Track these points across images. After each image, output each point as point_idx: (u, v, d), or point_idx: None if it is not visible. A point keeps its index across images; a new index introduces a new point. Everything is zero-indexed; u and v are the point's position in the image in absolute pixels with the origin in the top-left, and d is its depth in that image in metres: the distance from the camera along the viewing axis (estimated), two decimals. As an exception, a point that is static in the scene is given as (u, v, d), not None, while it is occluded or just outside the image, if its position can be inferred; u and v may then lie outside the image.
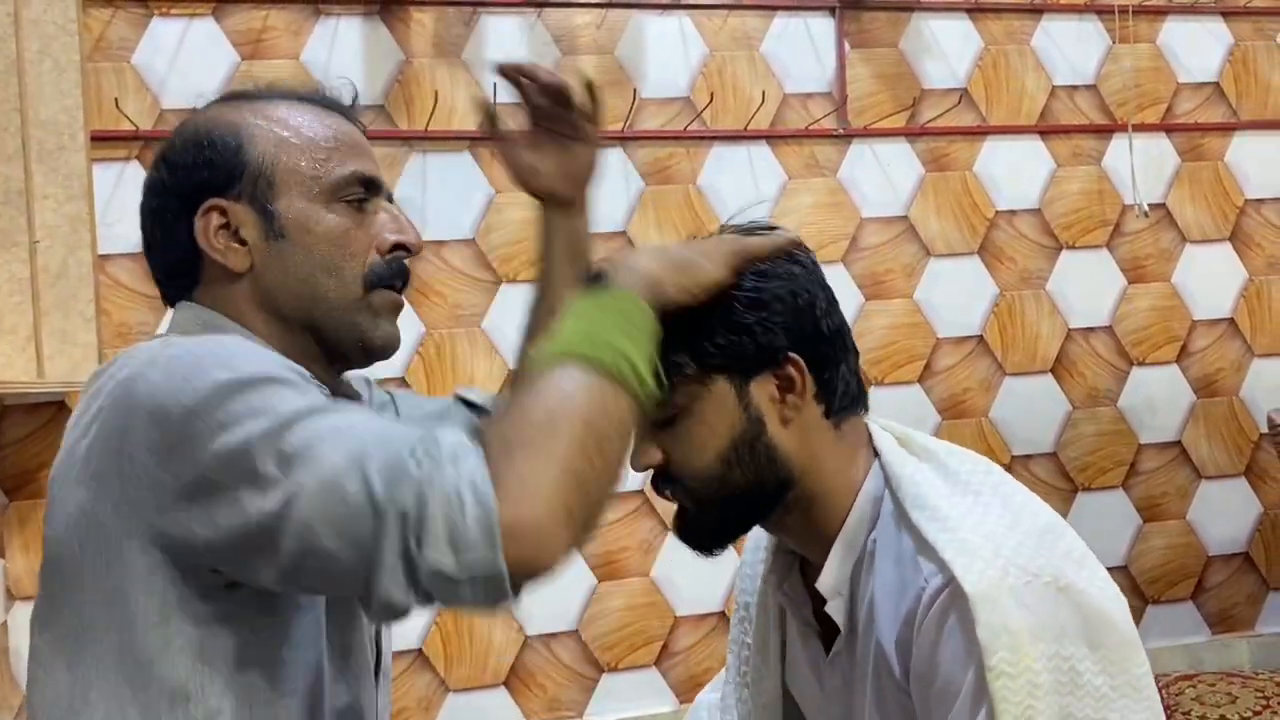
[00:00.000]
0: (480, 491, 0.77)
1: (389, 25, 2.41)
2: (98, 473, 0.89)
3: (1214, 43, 2.82)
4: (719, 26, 2.56)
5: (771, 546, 1.17)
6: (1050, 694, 0.89)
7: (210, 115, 1.05)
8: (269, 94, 1.08)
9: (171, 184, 1.03)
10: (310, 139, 1.03)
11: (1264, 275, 2.83)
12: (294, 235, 1.01)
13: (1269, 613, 2.83)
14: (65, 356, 2.03)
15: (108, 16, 2.27)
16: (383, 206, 1.06)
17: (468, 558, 0.77)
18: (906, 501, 1.00)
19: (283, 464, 0.82)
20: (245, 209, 1.01)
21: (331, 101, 1.09)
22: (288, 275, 1.01)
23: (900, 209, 2.64)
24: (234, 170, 1.01)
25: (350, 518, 0.79)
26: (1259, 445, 2.81)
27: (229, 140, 1.02)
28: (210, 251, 1.01)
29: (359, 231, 1.03)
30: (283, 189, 1.01)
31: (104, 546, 0.88)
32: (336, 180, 1.02)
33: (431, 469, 0.78)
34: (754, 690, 1.20)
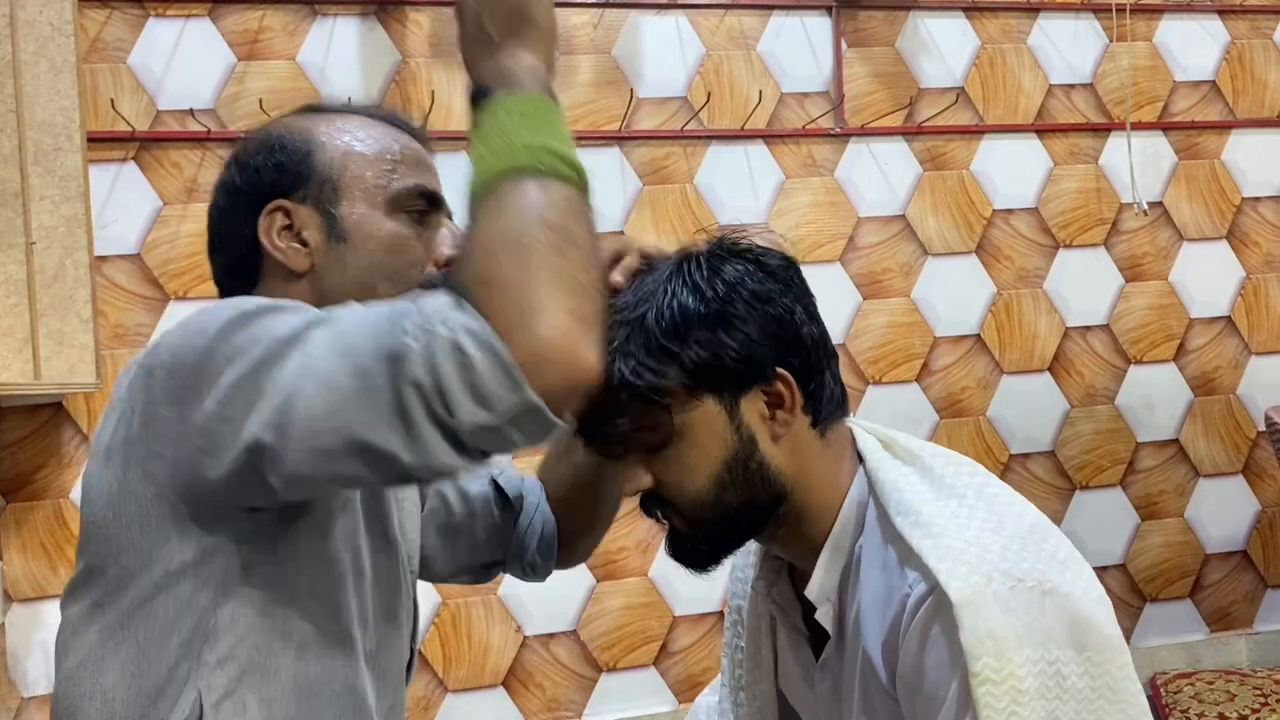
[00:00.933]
0: (480, 337, 0.76)
1: (385, 25, 2.41)
2: (126, 438, 0.90)
3: (1210, 41, 2.82)
4: (716, 26, 2.56)
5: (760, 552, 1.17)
6: (1036, 699, 0.89)
7: (285, 122, 1.07)
8: (344, 109, 1.09)
9: (241, 183, 1.05)
10: (378, 150, 1.05)
11: (1261, 273, 2.84)
12: (355, 239, 1.02)
13: (1267, 610, 2.83)
14: (62, 358, 2.02)
15: (103, 17, 2.27)
16: (444, 223, 1.07)
17: (498, 405, 0.76)
18: (890, 507, 1.00)
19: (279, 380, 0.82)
20: (309, 211, 1.03)
21: (402, 120, 1.10)
22: (346, 278, 1.02)
23: (898, 208, 2.64)
24: (302, 173, 1.03)
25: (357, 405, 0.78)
26: (1256, 443, 2.82)
27: (299, 145, 1.04)
28: (272, 250, 1.03)
29: (418, 242, 1.04)
30: (347, 194, 1.03)
31: (137, 513, 0.90)
32: (399, 191, 1.04)
33: (426, 337, 0.77)
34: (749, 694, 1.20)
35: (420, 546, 1.21)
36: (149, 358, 0.90)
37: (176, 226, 2.28)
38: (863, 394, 2.60)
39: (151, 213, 2.27)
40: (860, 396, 2.59)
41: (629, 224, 2.50)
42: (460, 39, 0.98)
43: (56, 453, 2.22)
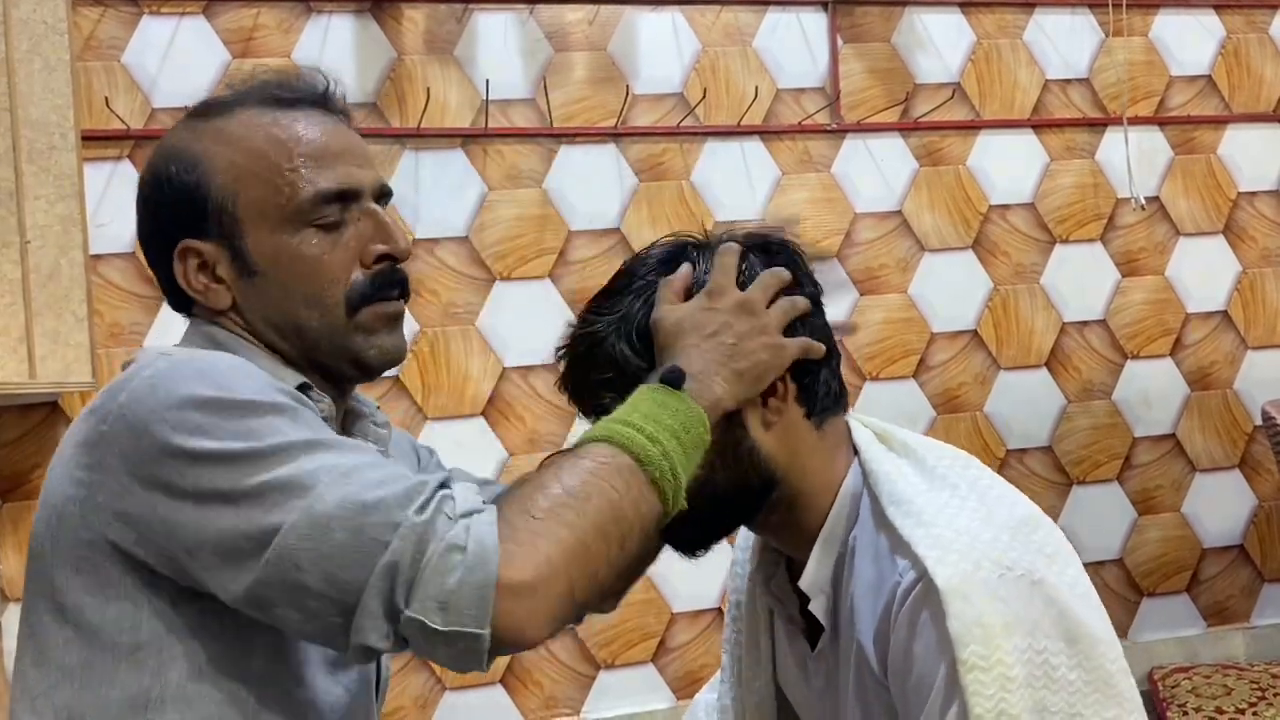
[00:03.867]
0: (486, 553, 0.76)
1: (380, 22, 2.40)
2: (75, 478, 0.89)
3: (1206, 35, 2.82)
4: (711, 22, 2.56)
5: (758, 545, 1.17)
6: (1023, 687, 0.89)
7: (171, 145, 1.01)
8: (232, 101, 1.01)
9: (148, 224, 1.02)
10: (271, 163, 0.97)
11: (1257, 267, 2.84)
12: (267, 271, 0.97)
13: (1264, 605, 2.83)
14: (57, 357, 2.02)
15: (97, 15, 2.26)
16: (365, 212, 1.00)
17: (454, 618, 0.75)
18: (884, 498, 1.00)
19: (273, 490, 0.81)
20: (216, 248, 0.98)
21: (302, 95, 1.02)
22: (269, 310, 0.98)
23: (894, 204, 2.64)
24: (198, 209, 0.97)
25: (341, 562, 0.78)
26: (1253, 438, 2.82)
27: (187, 178, 0.98)
28: (191, 293, 0.99)
29: (335, 254, 0.98)
30: (248, 224, 0.97)
31: (72, 550, 0.89)
32: (300, 205, 0.97)
33: (439, 521, 0.77)
34: (747, 688, 1.20)
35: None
36: (110, 404, 0.88)
37: (172, 225, 2.27)
38: (860, 390, 2.60)
39: (146, 211, 2.27)
40: (857, 393, 2.59)
41: (625, 221, 2.49)
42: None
43: (52, 452, 2.20)
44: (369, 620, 0.77)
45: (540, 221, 2.46)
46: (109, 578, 0.88)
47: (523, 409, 2.44)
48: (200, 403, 0.84)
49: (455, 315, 2.43)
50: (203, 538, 0.83)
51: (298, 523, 0.79)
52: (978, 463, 1.06)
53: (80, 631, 0.88)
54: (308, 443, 0.83)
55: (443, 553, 0.76)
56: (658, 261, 1.05)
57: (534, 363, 2.44)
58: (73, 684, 0.88)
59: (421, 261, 2.40)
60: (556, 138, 2.46)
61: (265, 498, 0.81)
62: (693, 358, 0.94)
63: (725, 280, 1.00)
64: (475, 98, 2.42)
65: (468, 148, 2.43)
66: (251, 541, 0.81)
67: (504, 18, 2.46)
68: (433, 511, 0.78)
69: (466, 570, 0.75)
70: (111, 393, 0.90)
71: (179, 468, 0.83)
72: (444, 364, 2.42)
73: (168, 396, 0.85)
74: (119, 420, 0.87)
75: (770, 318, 0.99)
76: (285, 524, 0.79)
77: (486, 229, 2.44)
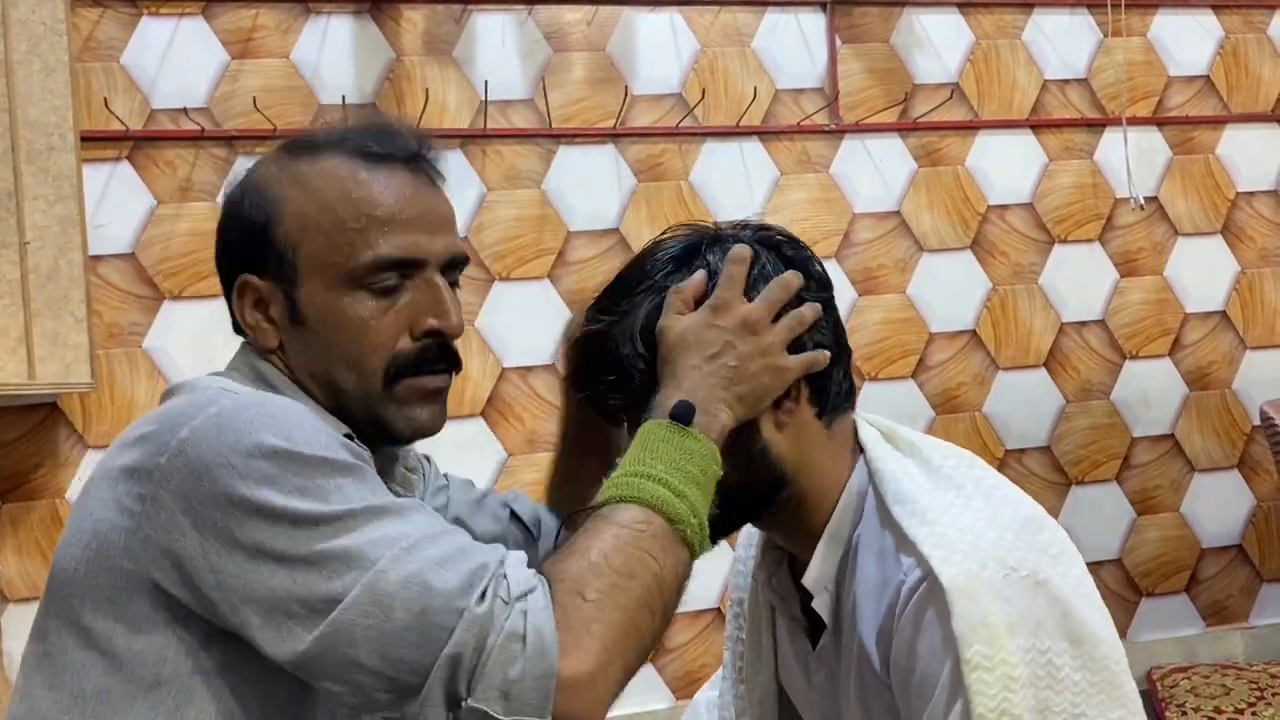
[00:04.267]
0: (545, 644, 0.77)
1: (379, 23, 2.40)
2: (122, 505, 0.87)
3: (1205, 36, 2.82)
4: (710, 22, 2.56)
5: (761, 542, 1.17)
6: (1027, 687, 0.89)
7: (255, 178, 1.01)
8: (322, 144, 1.00)
9: (219, 245, 1.04)
10: (337, 219, 0.96)
11: (1256, 268, 2.84)
12: (313, 324, 0.97)
13: (1262, 604, 2.83)
14: (56, 358, 2.02)
15: (96, 16, 2.26)
16: (426, 282, 0.99)
17: (516, 707, 0.77)
18: (889, 497, 1.00)
19: (333, 559, 0.80)
20: (273, 289, 0.99)
21: (392, 152, 1.00)
22: (311, 361, 0.98)
23: (893, 204, 2.64)
24: (263, 249, 0.98)
25: (401, 642, 0.78)
26: (1252, 438, 2.82)
27: (257, 217, 0.98)
28: (244, 325, 1.01)
29: (383, 320, 0.97)
30: (305, 274, 0.97)
31: (109, 578, 0.87)
32: (356, 268, 0.96)
33: (496, 608, 0.78)
34: (749, 685, 1.20)
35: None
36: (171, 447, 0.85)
37: (171, 225, 2.27)
38: (858, 390, 2.59)
39: (145, 212, 2.27)
40: (856, 393, 2.59)
41: (624, 221, 2.50)
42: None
43: (52, 453, 2.21)
44: (431, 708, 0.78)
45: (539, 222, 2.46)
46: (142, 611, 0.87)
47: (522, 409, 2.44)
48: (269, 452, 0.83)
49: (454, 316, 2.42)
50: (253, 593, 0.82)
51: (359, 598, 0.79)
52: (982, 463, 1.07)
53: (103, 658, 0.88)
54: (371, 509, 0.83)
55: (503, 643, 0.77)
56: (670, 259, 1.04)
57: (533, 363, 2.44)
58: (84, 711, 0.87)
59: (420, 262, 2.40)
60: (555, 138, 2.46)
61: (325, 566, 0.80)
62: (695, 383, 0.94)
63: (730, 294, 0.99)
64: (474, 98, 2.42)
65: (466, 148, 2.43)
66: (305, 607, 0.80)
67: (502, 18, 2.46)
68: (491, 598, 0.79)
69: (528, 661, 0.77)
70: (170, 423, 0.88)
71: (240, 518, 0.82)
72: (443, 364, 2.42)
73: (236, 441, 0.84)
74: (178, 456, 0.85)
75: (774, 336, 0.99)
76: (346, 598, 0.79)
77: (485, 229, 2.44)
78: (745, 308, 0.99)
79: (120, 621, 0.87)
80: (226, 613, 0.84)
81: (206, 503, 0.83)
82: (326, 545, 0.81)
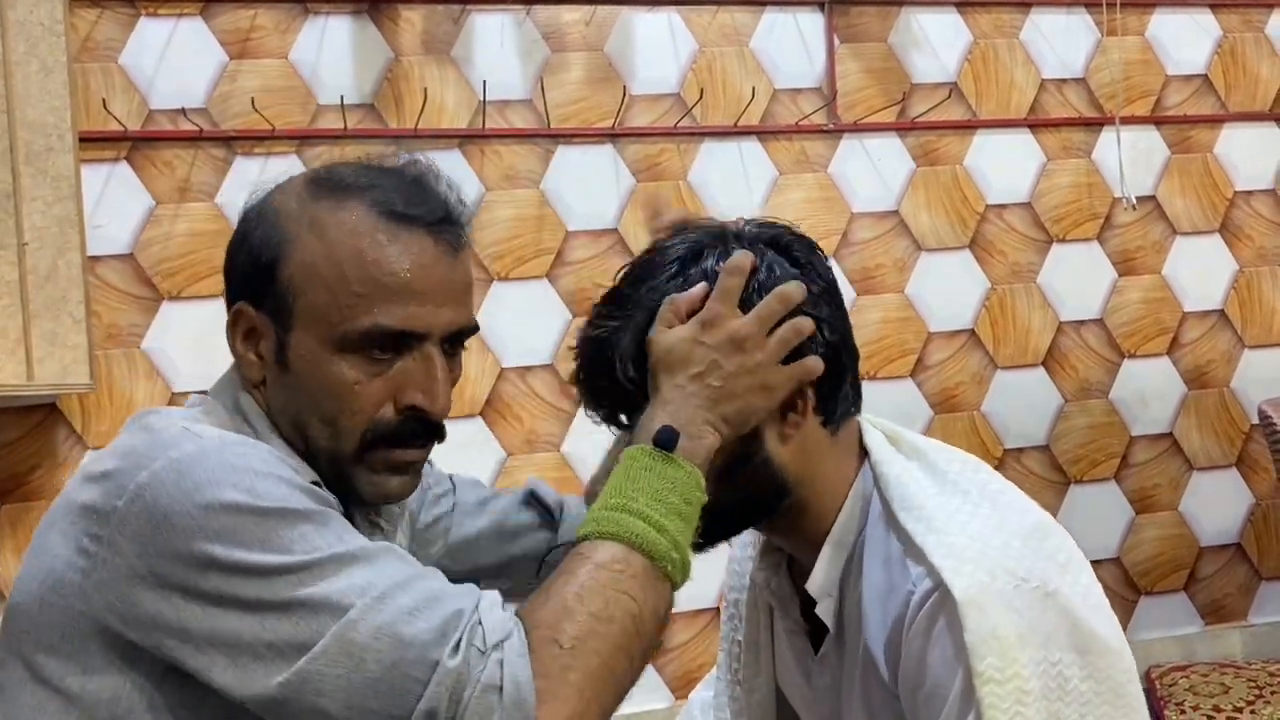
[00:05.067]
0: (522, 695, 0.76)
1: (378, 23, 2.40)
2: (80, 545, 0.86)
3: (1202, 35, 2.83)
4: (708, 22, 2.56)
5: (759, 544, 1.16)
6: (1039, 700, 0.89)
7: (273, 209, 0.96)
8: (350, 188, 0.95)
9: (228, 265, 0.99)
10: (343, 277, 0.92)
11: (1254, 266, 2.84)
12: (297, 372, 0.94)
13: (1261, 603, 2.84)
14: (55, 359, 2.02)
15: (94, 16, 2.26)
16: (423, 355, 0.95)
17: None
18: (894, 502, 0.99)
19: (301, 606, 0.79)
20: (266, 324, 0.95)
21: (419, 215, 0.95)
22: (288, 406, 0.96)
23: (891, 204, 2.64)
24: (265, 284, 0.94)
25: (371, 694, 0.77)
26: (1250, 436, 2.82)
27: (265, 252, 0.94)
28: (234, 352, 0.98)
29: (369, 387, 0.93)
30: (300, 321, 0.93)
31: (61, 616, 0.86)
32: (349, 332, 0.92)
33: (472, 658, 0.77)
34: (746, 688, 1.19)
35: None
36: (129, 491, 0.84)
37: (169, 226, 2.27)
38: (857, 390, 2.60)
39: (144, 212, 2.27)
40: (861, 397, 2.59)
41: (622, 222, 2.50)
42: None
43: (51, 454, 2.21)
44: None
45: (538, 222, 2.46)
46: (95, 651, 0.85)
47: (521, 409, 2.44)
48: (230, 507, 0.82)
49: (453, 316, 2.42)
50: (218, 637, 0.81)
51: (329, 647, 0.78)
52: (987, 467, 1.06)
53: (57, 695, 0.86)
54: (337, 557, 0.81)
55: (480, 695, 0.76)
56: (673, 262, 1.01)
57: (532, 363, 2.44)
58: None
59: (419, 262, 2.40)
60: (554, 138, 2.46)
61: (293, 613, 0.79)
62: (679, 404, 0.92)
63: (721, 308, 0.96)
64: (472, 98, 2.43)
65: (465, 148, 2.43)
66: (273, 651, 0.79)
67: (501, 18, 2.46)
68: (465, 647, 0.78)
69: (504, 712, 0.76)
70: (131, 463, 0.86)
71: (201, 573, 0.81)
72: (442, 365, 2.42)
73: (196, 494, 0.82)
74: (136, 500, 0.84)
75: (765, 353, 0.96)
76: (315, 646, 0.78)
77: (484, 229, 2.44)
78: (735, 324, 0.96)
79: (72, 660, 0.85)
80: (186, 656, 0.83)
81: (166, 556, 0.82)
82: (294, 594, 0.80)
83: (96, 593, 0.84)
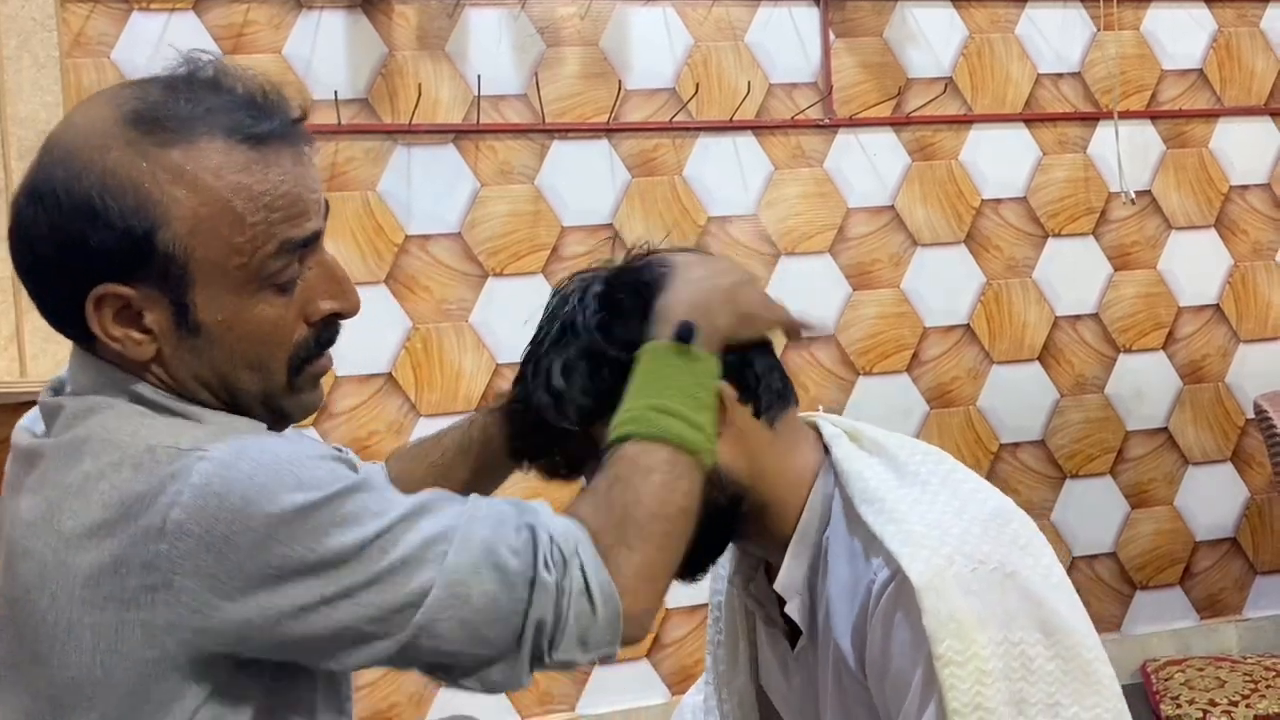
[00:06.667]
0: (608, 592, 0.86)
1: (371, 18, 2.39)
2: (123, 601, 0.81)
3: (1198, 29, 2.83)
4: (703, 17, 2.56)
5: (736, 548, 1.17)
6: (1000, 680, 0.90)
7: (108, 169, 0.83)
8: (193, 124, 0.85)
9: (53, 251, 0.85)
10: (236, 217, 0.85)
11: (1249, 261, 2.84)
12: (212, 332, 0.87)
13: (1256, 597, 2.84)
14: (48, 355, 2.01)
15: (87, 11, 2.25)
16: (320, 262, 0.91)
17: (594, 650, 0.87)
18: (856, 498, 1.00)
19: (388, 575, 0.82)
20: (151, 295, 0.85)
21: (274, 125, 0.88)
22: (202, 367, 0.88)
23: (886, 199, 2.64)
24: (139, 257, 0.83)
25: (483, 622, 0.84)
26: (1245, 431, 2.83)
27: (132, 221, 0.83)
28: (106, 340, 0.86)
29: (286, 315, 0.89)
30: (200, 280, 0.85)
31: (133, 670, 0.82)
32: (262, 264, 0.86)
33: (561, 574, 0.85)
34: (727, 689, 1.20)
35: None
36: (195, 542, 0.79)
37: (163, 222, 2.26)
38: (853, 385, 2.60)
39: (137, 208, 2.26)
40: (850, 387, 2.59)
41: (618, 217, 2.49)
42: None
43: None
44: (520, 668, 0.86)
45: (533, 217, 2.45)
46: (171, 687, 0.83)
47: (516, 405, 2.43)
48: (289, 511, 0.80)
49: (448, 312, 2.42)
50: (325, 635, 0.82)
51: (435, 598, 0.83)
52: (950, 457, 1.06)
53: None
54: (402, 516, 0.84)
55: (575, 601, 0.85)
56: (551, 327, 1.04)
57: (527, 359, 2.44)
58: None
59: (414, 258, 2.40)
60: (549, 133, 2.45)
61: (387, 581, 0.82)
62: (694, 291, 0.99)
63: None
64: (467, 93, 2.42)
65: (459, 143, 2.42)
66: (381, 623, 0.82)
67: (495, 13, 2.45)
68: (551, 560, 0.85)
69: (598, 611, 0.86)
70: (143, 506, 0.80)
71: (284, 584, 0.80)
72: (437, 361, 2.42)
73: (250, 509, 0.80)
74: (183, 538, 0.79)
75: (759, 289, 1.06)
76: (422, 604, 0.82)
77: (479, 225, 2.43)
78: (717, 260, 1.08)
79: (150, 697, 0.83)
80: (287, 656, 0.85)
81: (238, 579, 0.80)
82: (380, 564, 0.82)
83: (167, 633, 0.81)
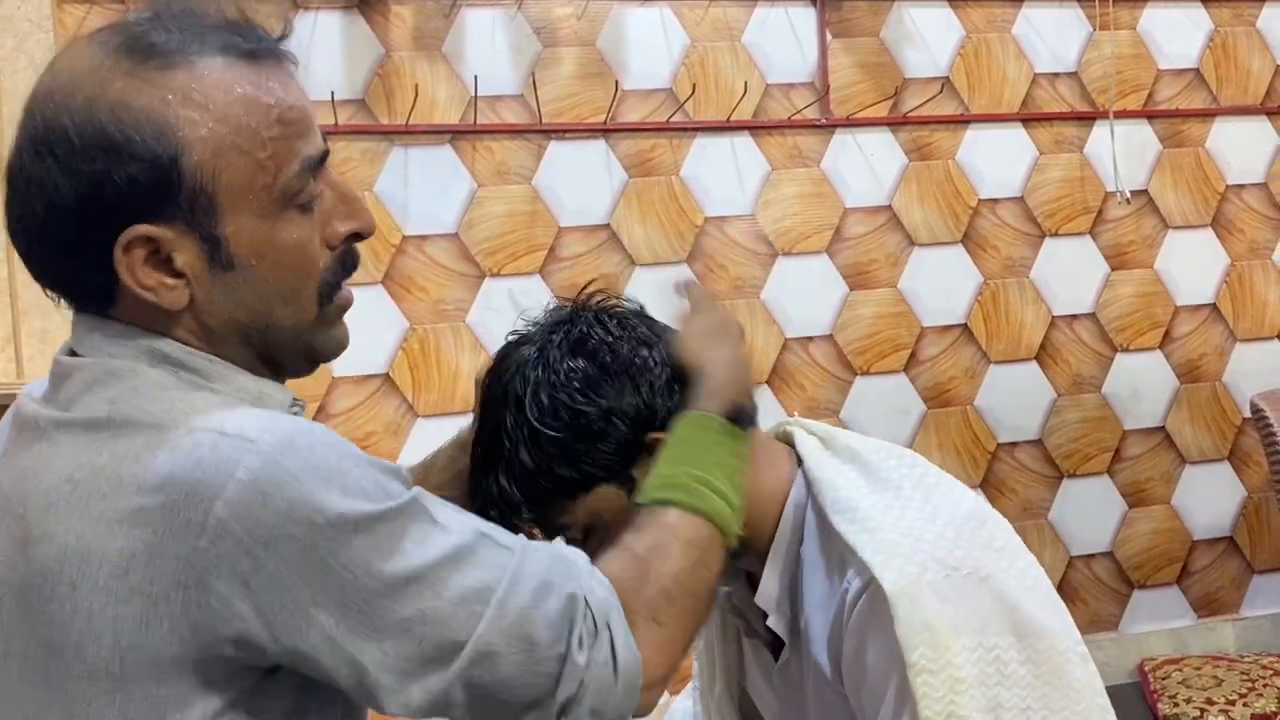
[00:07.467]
0: (632, 669, 0.85)
1: (368, 19, 2.39)
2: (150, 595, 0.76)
3: (1194, 29, 2.83)
4: (700, 17, 2.56)
5: None
6: (975, 687, 0.89)
7: (114, 99, 0.78)
8: (186, 48, 0.81)
9: (71, 197, 0.79)
10: (253, 132, 0.81)
11: (1246, 260, 2.85)
12: (246, 264, 0.82)
13: (1253, 596, 2.85)
14: (45, 357, 2.01)
15: (83, 12, 2.24)
16: (330, 182, 0.87)
17: (610, 713, 0.85)
18: (828, 507, 0.99)
19: (420, 625, 0.78)
20: (182, 235, 0.80)
21: (263, 45, 0.85)
22: (237, 308, 0.83)
23: (884, 199, 2.64)
24: (167, 190, 0.79)
25: (506, 691, 0.82)
26: (1242, 430, 2.83)
27: (156, 150, 0.78)
28: (138, 290, 0.80)
29: (311, 239, 0.85)
30: (229, 209, 0.81)
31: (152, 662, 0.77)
32: (287, 183, 0.82)
33: (591, 647, 0.84)
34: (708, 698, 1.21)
35: None
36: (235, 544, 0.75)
37: (159, 223, 2.26)
38: (850, 385, 2.60)
39: (134, 209, 2.25)
40: (848, 387, 2.59)
41: (615, 217, 2.49)
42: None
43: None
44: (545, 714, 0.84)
45: (530, 218, 2.45)
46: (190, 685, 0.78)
47: (513, 406, 2.43)
48: (340, 524, 0.76)
49: (445, 312, 2.42)
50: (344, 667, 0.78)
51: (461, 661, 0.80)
52: (923, 460, 1.06)
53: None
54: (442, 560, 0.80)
55: (599, 670, 0.84)
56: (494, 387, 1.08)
57: (524, 359, 2.43)
58: None
59: (411, 258, 2.40)
60: (546, 134, 2.45)
61: (413, 634, 0.79)
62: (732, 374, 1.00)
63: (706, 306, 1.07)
64: (464, 94, 2.42)
65: (456, 144, 2.42)
66: (397, 677, 0.79)
67: (492, 13, 2.45)
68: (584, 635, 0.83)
69: (620, 683, 0.85)
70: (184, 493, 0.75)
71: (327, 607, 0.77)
72: (434, 361, 2.42)
73: (298, 513, 0.75)
74: (224, 536, 0.74)
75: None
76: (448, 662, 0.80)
77: (476, 225, 2.43)
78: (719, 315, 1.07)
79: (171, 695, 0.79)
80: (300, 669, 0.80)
81: (272, 587, 0.76)
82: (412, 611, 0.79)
83: (193, 634, 0.76)
